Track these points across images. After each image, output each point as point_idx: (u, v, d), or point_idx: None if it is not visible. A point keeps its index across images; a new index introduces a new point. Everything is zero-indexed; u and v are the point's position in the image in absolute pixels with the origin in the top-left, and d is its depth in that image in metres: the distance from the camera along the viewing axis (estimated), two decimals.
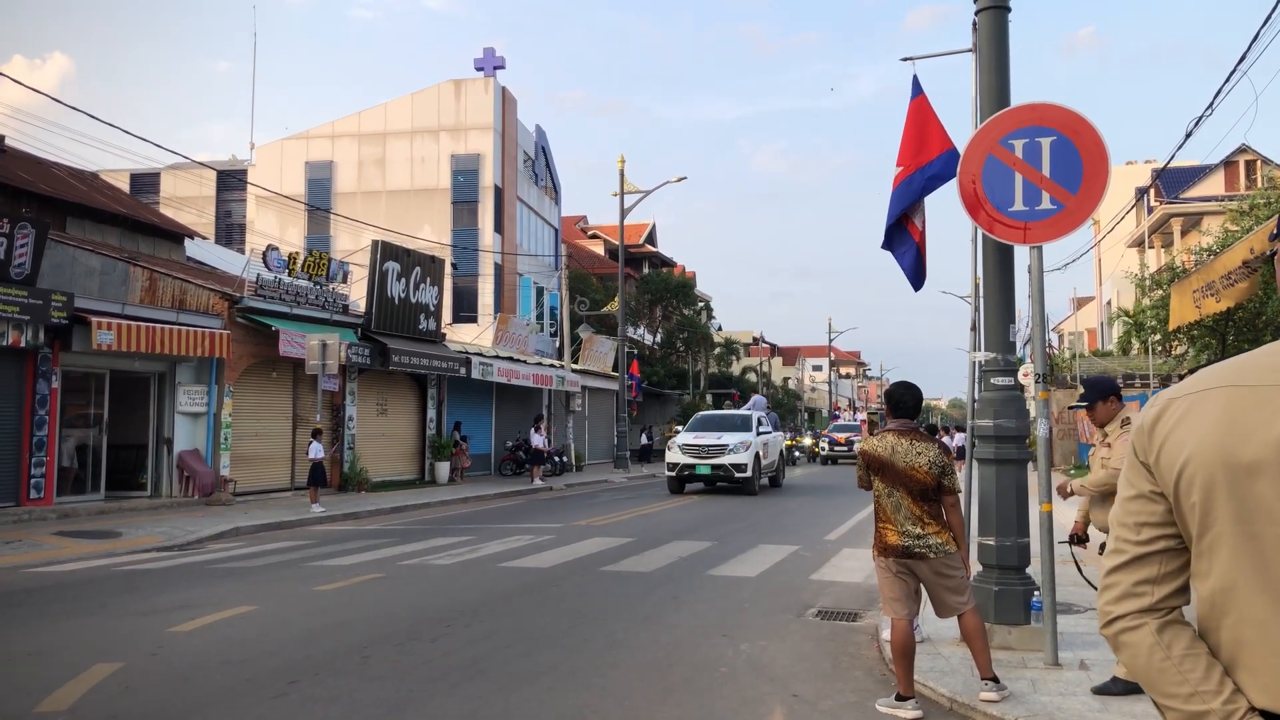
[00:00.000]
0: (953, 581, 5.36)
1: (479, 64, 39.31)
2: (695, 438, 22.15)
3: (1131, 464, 1.55)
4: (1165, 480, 1.49)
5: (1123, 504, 1.56)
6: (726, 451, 21.40)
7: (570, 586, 9.46)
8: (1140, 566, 1.52)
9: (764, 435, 22.96)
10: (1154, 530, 1.51)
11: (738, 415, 24.37)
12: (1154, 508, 1.51)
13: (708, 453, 21.56)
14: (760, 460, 22.01)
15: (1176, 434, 1.47)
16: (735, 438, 21.81)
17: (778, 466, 24.50)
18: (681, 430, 24.45)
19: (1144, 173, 43.45)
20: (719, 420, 23.97)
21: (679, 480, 22.01)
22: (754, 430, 22.42)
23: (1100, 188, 6.32)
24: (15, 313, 15.10)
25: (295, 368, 20.83)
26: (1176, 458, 1.46)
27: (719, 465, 21.37)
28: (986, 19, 7.20)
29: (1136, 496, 1.53)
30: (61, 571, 10.59)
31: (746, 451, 21.38)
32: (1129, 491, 1.55)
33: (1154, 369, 27.76)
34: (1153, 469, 1.51)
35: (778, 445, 24.88)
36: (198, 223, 35.85)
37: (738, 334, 70.69)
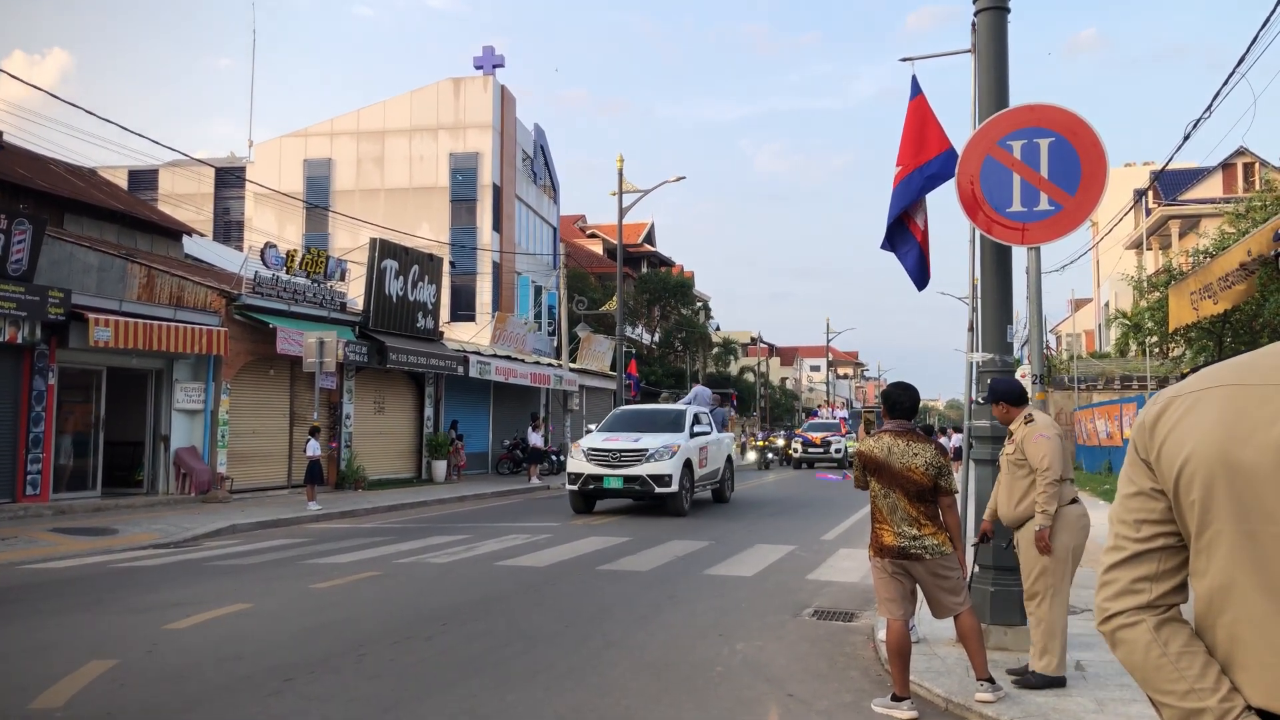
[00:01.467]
0: (949, 582, 5.36)
1: (478, 62, 39.29)
2: (606, 440, 16.97)
3: (1132, 461, 1.55)
4: (1165, 477, 1.48)
5: (1122, 500, 1.55)
6: (645, 459, 16.29)
7: (567, 585, 9.45)
8: (1139, 563, 1.52)
9: (701, 437, 17.97)
10: (1153, 527, 1.51)
11: (666, 411, 19.43)
12: (1154, 505, 1.51)
13: (619, 460, 16.42)
14: (693, 469, 17.15)
15: (1177, 432, 1.47)
16: (659, 440, 16.66)
17: (723, 476, 19.35)
18: (594, 429, 18.97)
19: (1142, 174, 43.49)
20: (641, 418, 18.70)
21: (583, 496, 16.86)
22: (685, 430, 17.47)
23: (1098, 189, 6.33)
24: (12, 309, 15.08)
25: (293, 365, 20.82)
26: (1177, 455, 1.46)
27: (634, 477, 16.23)
28: (986, 20, 7.19)
29: (1136, 494, 1.53)
30: (57, 568, 10.58)
31: (671, 459, 16.29)
32: (1129, 488, 1.55)
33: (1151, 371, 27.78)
34: (1153, 466, 1.51)
35: (722, 449, 19.48)
36: (196, 220, 35.81)
37: (736, 334, 70.70)
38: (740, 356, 67.42)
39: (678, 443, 16.77)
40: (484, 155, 37.90)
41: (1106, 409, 27.13)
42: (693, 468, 17.10)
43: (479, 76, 38.77)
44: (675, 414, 18.67)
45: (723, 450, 19.55)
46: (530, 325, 37.41)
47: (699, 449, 17.59)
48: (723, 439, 19.95)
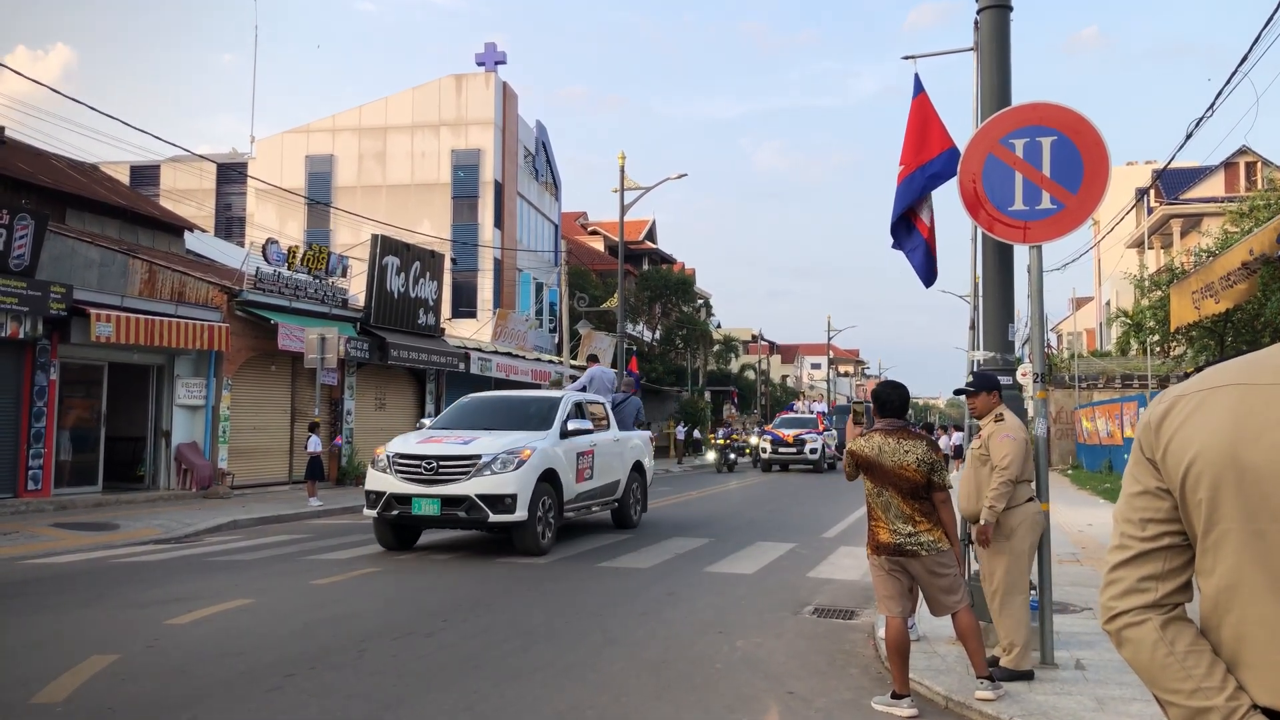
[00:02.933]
0: (945, 580, 5.36)
1: (480, 59, 39.27)
2: (423, 442, 11.38)
3: (1137, 459, 1.55)
4: (1172, 476, 1.48)
5: (1127, 499, 1.55)
6: (475, 470, 10.75)
7: (566, 582, 9.46)
8: (1145, 562, 1.52)
9: (580, 437, 12.33)
10: (1159, 526, 1.51)
11: (531, 401, 13.26)
12: (1159, 504, 1.51)
13: (439, 472, 10.85)
14: (561, 484, 11.59)
15: (1184, 430, 1.47)
16: (502, 443, 11.12)
17: (625, 491, 13.79)
18: (427, 423, 13.20)
19: (1144, 173, 43.47)
20: (495, 409, 12.90)
21: (391, 528, 11.36)
22: (554, 428, 11.89)
23: (1100, 188, 6.32)
24: (14, 304, 15.09)
25: (294, 361, 20.83)
26: (1184, 454, 1.46)
27: (457, 498, 10.72)
28: (988, 18, 7.19)
29: (1142, 492, 1.53)
30: (59, 563, 10.59)
31: (517, 471, 10.75)
32: (1134, 487, 1.54)
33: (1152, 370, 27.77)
34: (1159, 465, 1.51)
35: (624, 455, 13.88)
36: (197, 215, 35.79)
37: (737, 331, 70.69)
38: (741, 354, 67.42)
39: (531, 446, 11.15)
40: (486, 152, 37.88)
41: (1107, 408, 27.13)
42: (560, 482, 11.59)
43: (481, 73, 38.76)
44: (543, 405, 12.74)
45: (625, 456, 13.91)
46: (531, 322, 37.41)
47: (576, 455, 12.17)
48: (626, 440, 14.26)
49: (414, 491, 10.88)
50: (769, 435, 33.03)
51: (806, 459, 31.67)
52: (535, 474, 11.03)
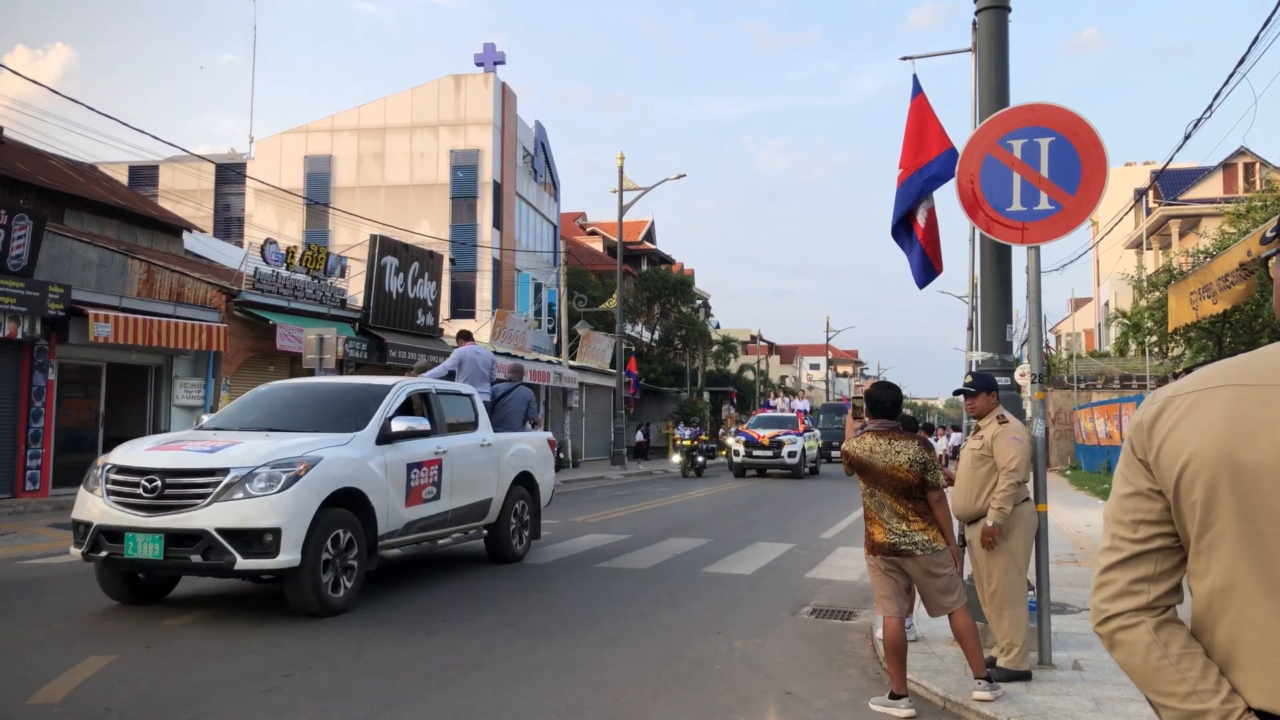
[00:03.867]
0: (941, 580, 5.36)
1: (479, 59, 39.28)
2: (157, 450, 7.81)
3: (1128, 460, 1.54)
4: (1165, 478, 1.48)
5: (1119, 500, 1.55)
6: (216, 493, 7.23)
7: (565, 582, 9.46)
8: (1137, 564, 1.51)
9: (413, 442, 8.85)
10: (1151, 528, 1.51)
11: (347, 392, 9.43)
12: (1151, 505, 1.50)
13: (160, 495, 7.31)
14: (373, 509, 8.16)
15: (1178, 431, 1.46)
16: (270, 450, 7.60)
17: (501, 516, 10.45)
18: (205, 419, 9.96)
19: (1143, 174, 43.51)
20: (291, 401, 9.43)
21: (110, 570, 7.87)
22: (371, 428, 8.46)
23: (1098, 189, 6.33)
24: (12, 304, 15.08)
25: (292, 362, 20.81)
26: (1178, 455, 1.45)
27: (188, 534, 7.17)
28: (986, 18, 7.20)
29: (1134, 494, 1.52)
30: (56, 564, 10.57)
31: (279, 495, 7.27)
32: (1126, 488, 1.54)
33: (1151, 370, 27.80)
34: (1151, 466, 1.50)
35: (499, 466, 10.45)
36: (196, 216, 35.78)
37: (736, 331, 70.70)
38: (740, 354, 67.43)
39: (318, 454, 7.73)
40: (484, 152, 37.89)
41: (1105, 408, 27.15)
42: (370, 506, 8.18)
43: (480, 73, 38.76)
44: (363, 397, 9.12)
45: (502, 467, 10.55)
46: (530, 323, 37.41)
47: (408, 466, 8.76)
48: (504, 446, 10.70)
49: (127, 523, 7.32)
50: (743, 436, 28.87)
51: (784, 463, 27.77)
52: (317, 497, 7.51)
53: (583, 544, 12.27)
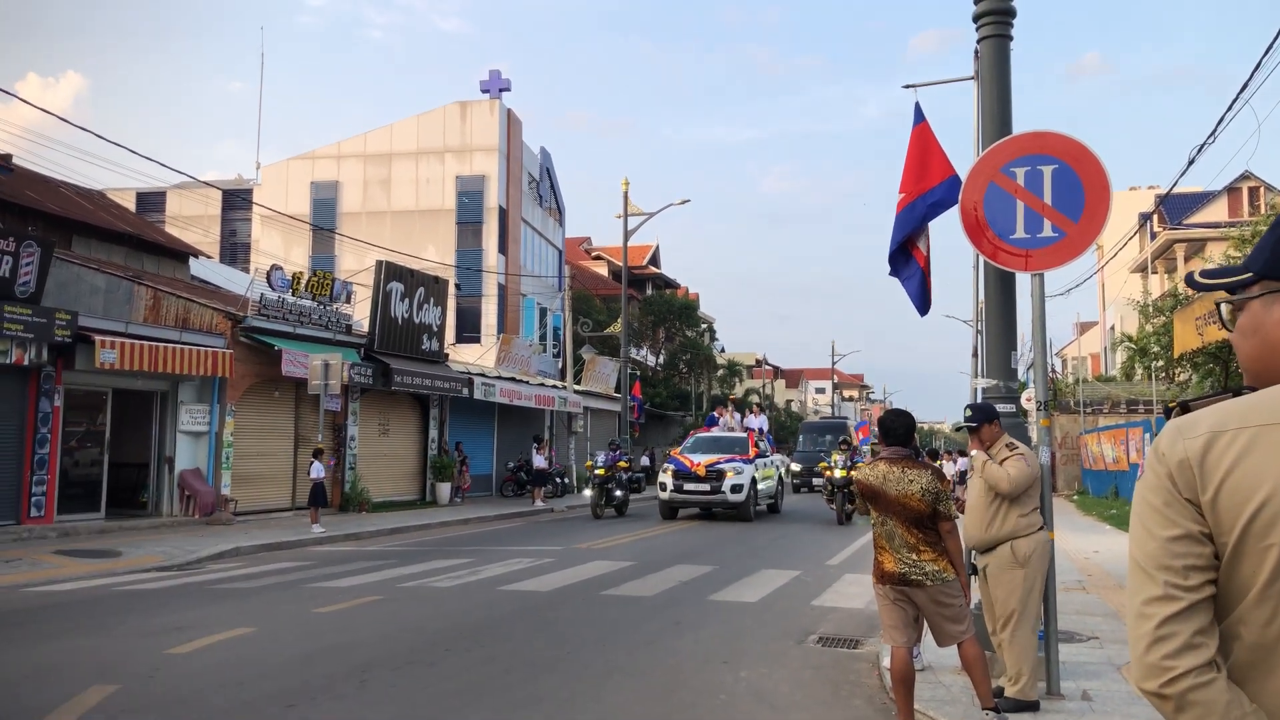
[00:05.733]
0: (951, 610, 5.32)
1: (485, 86, 39.55)
2: None
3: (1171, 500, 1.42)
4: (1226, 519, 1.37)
5: (1165, 544, 1.42)
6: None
7: (570, 610, 9.42)
8: (1195, 615, 1.39)
9: None
10: (1202, 575, 1.40)
11: None
12: (1202, 550, 1.40)
13: None
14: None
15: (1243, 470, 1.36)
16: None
17: None
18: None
19: (1147, 198, 43.55)
20: None
21: None
22: None
23: (1102, 216, 6.34)
24: (19, 331, 15.13)
25: (298, 387, 20.84)
26: (1250, 496, 1.35)
27: None
28: (988, 47, 7.23)
29: (1183, 537, 1.40)
30: (61, 591, 10.56)
31: None
32: (1172, 530, 1.41)
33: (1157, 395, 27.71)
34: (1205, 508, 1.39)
35: None
36: (203, 242, 35.97)
37: (741, 355, 70.70)
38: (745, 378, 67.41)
39: None
40: (490, 178, 38.08)
41: (1112, 433, 27.05)
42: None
43: (486, 100, 39.02)
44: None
45: None
46: (535, 347, 37.43)
47: None
48: None
49: None
50: (672, 464, 21.88)
51: (725, 500, 20.74)
52: None
53: (588, 570, 12.22)
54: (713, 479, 20.74)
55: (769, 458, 23.99)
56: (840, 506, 20.20)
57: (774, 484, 23.49)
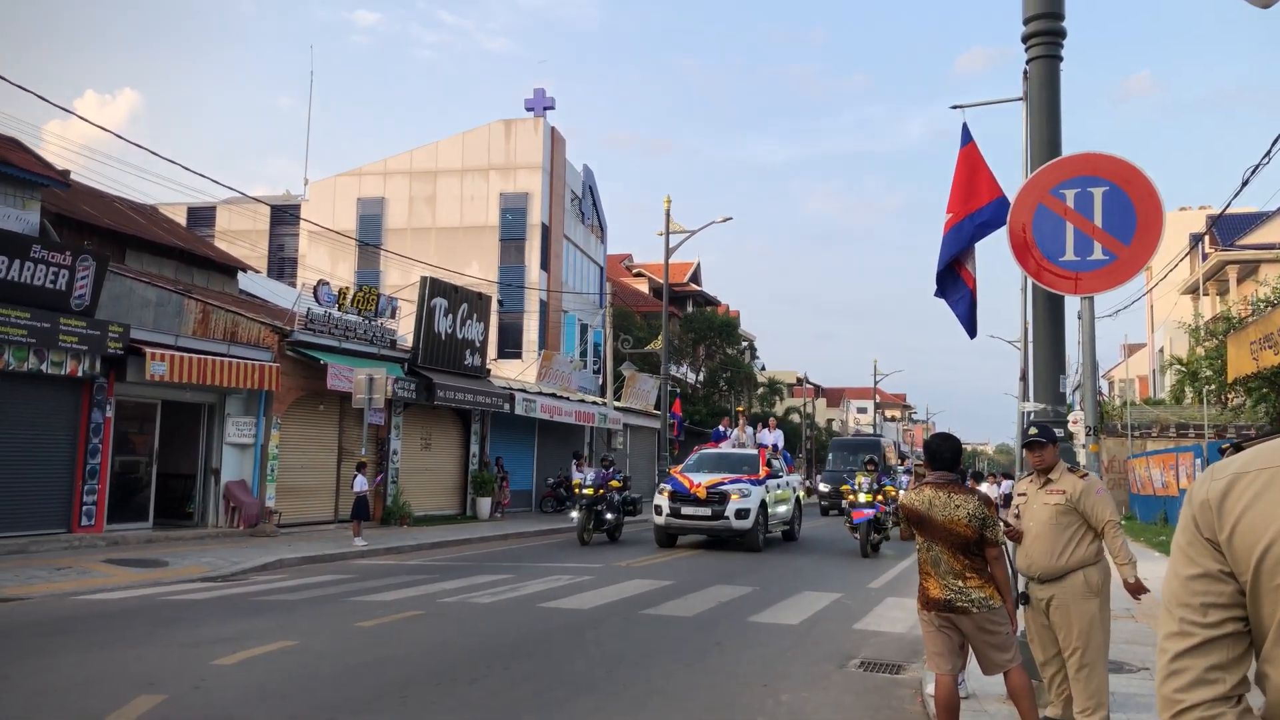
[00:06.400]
0: (997, 638, 5.24)
1: (529, 104, 39.89)
2: None
3: (1193, 540, 1.47)
4: (1241, 560, 1.41)
5: (1184, 582, 1.47)
6: None
7: (610, 630, 9.40)
8: (1211, 650, 1.44)
9: None
10: (1222, 612, 1.44)
11: None
12: (1222, 588, 1.44)
13: None
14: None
15: (1256, 511, 1.40)
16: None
17: None
18: None
19: (1198, 218, 42.83)
20: None
21: None
22: None
23: (1154, 239, 6.24)
24: (74, 343, 15.47)
25: (342, 401, 21.07)
26: (1260, 536, 1.39)
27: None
28: (1038, 68, 7.17)
29: (1202, 575, 1.45)
30: (109, 599, 10.74)
31: None
32: (1192, 569, 1.47)
33: (1209, 419, 27.15)
34: (1223, 547, 1.43)
35: None
36: (251, 256, 36.56)
37: (781, 374, 70.36)
38: (786, 397, 67.06)
39: None
40: (533, 195, 38.35)
41: (1162, 458, 26.53)
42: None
43: (530, 118, 39.35)
44: None
45: None
46: (576, 363, 37.56)
47: None
48: None
49: None
50: (669, 483, 19.30)
51: (730, 527, 18.10)
52: None
53: (627, 589, 12.20)
54: (714, 502, 18.14)
55: (783, 478, 21.09)
56: (865, 536, 17.61)
57: (790, 508, 20.95)
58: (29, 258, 14.90)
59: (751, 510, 18.05)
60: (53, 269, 15.25)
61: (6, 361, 14.71)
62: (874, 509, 17.83)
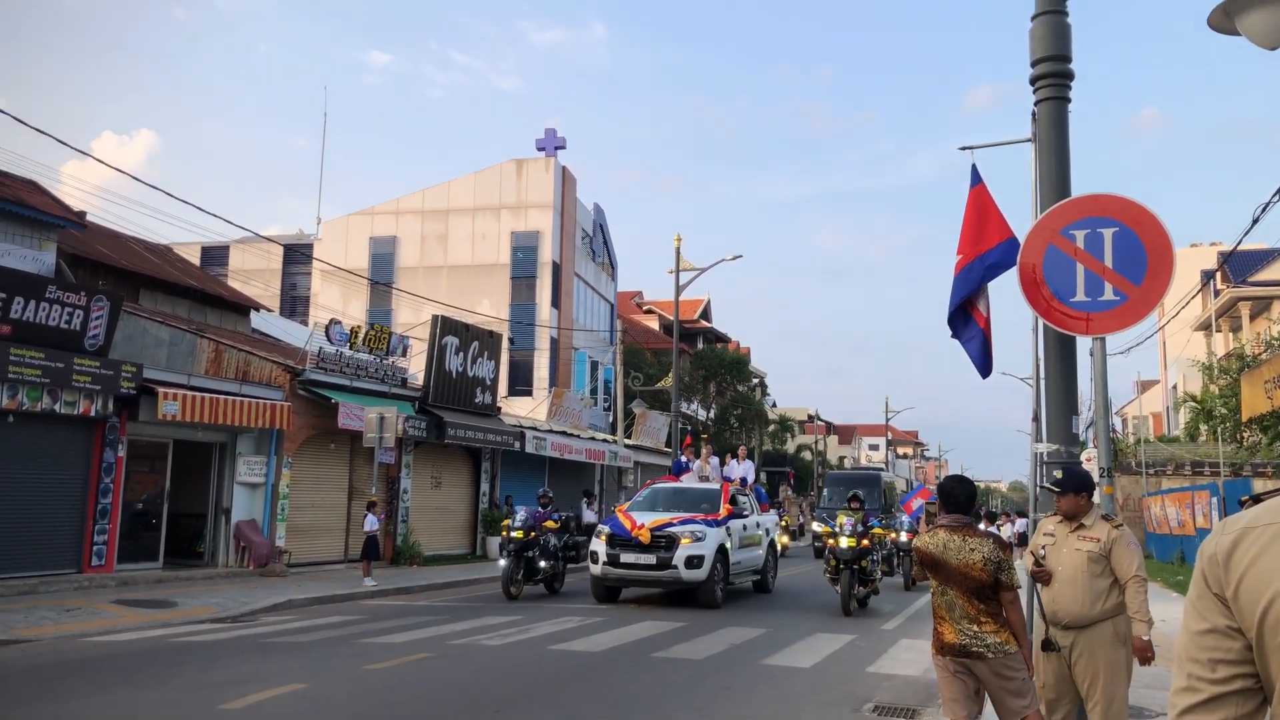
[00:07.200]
0: (1014, 684, 5.16)
1: (540, 144, 40.25)
2: None
3: (1202, 594, 1.48)
4: (1246, 615, 1.41)
5: (1193, 637, 1.48)
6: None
7: (621, 673, 9.31)
8: (1217, 707, 1.44)
9: None
10: (1231, 668, 1.43)
11: None
12: (1230, 644, 1.44)
13: None
14: None
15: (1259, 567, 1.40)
16: None
17: None
18: None
19: (1209, 255, 42.77)
20: None
21: None
22: None
23: (1165, 280, 6.22)
24: (87, 383, 15.55)
25: (353, 440, 21.09)
26: (1262, 592, 1.39)
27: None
28: (1046, 109, 7.19)
29: (1209, 630, 1.45)
30: (118, 641, 10.70)
31: None
32: (1200, 625, 1.47)
33: (1225, 457, 26.94)
34: (1229, 602, 1.43)
35: None
36: (263, 295, 36.79)
37: (793, 411, 70.20)
38: (797, 434, 66.83)
39: None
40: (544, 234, 38.58)
41: (1177, 496, 26.29)
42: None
43: (541, 158, 39.68)
44: None
45: None
46: (586, 401, 37.56)
47: None
48: None
49: None
50: (607, 525, 16.06)
51: (679, 578, 14.87)
52: None
53: (638, 631, 12.09)
54: (660, 548, 14.95)
55: (751, 517, 17.48)
56: (847, 589, 14.33)
57: (761, 553, 17.67)
58: (44, 298, 15.03)
59: (706, 557, 14.86)
60: (67, 309, 15.37)
61: (21, 401, 14.79)
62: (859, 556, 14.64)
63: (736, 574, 16.46)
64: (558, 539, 17.51)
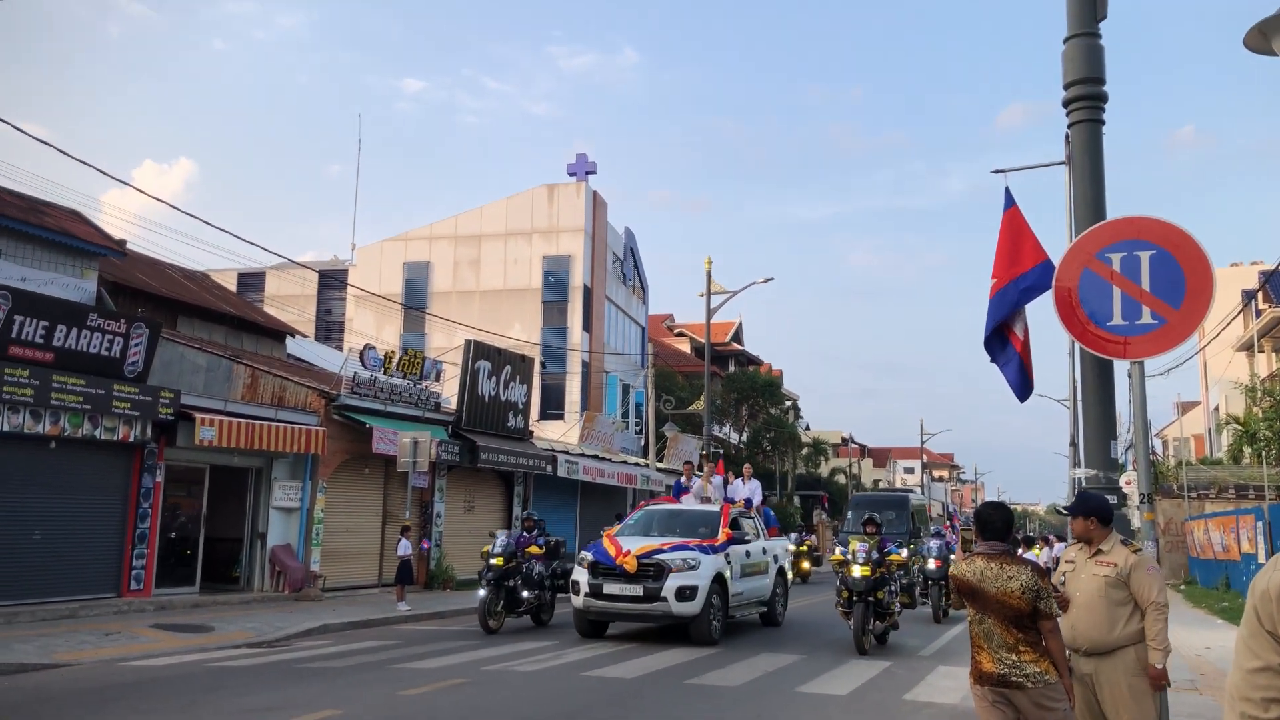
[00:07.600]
0: (1054, 714, 5.06)
1: (571, 169, 40.54)
2: None
3: (1255, 632, 1.46)
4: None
5: (1246, 675, 1.46)
6: None
7: (653, 700, 9.25)
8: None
9: None
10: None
11: None
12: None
13: None
14: None
15: None
16: None
17: None
18: None
19: (1250, 274, 42.14)
20: None
21: None
22: None
23: (1205, 303, 6.13)
24: (126, 409, 15.78)
25: (387, 464, 21.21)
26: None
27: None
28: (1080, 131, 7.14)
29: (1263, 669, 1.43)
30: (156, 666, 10.79)
31: None
32: (1253, 663, 1.45)
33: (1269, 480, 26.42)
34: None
35: None
36: (299, 321, 37.23)
37: (826, 433, 69.80)
38: (831, 457, 66.42)
39: None
40: (576, 258, 38.78)
41: (1221, 520, 25.80)
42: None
43: (572, 183, 39.95)
44: None
45: None
46: (618, 424, 37.56)
47: None
48: None
49: None
50: (590, 551, 14.44)
51: (670, 612, 13.37)
52: None
53: (671, 657, 12.02)
54: (648, 577, 13.43)
55: (756, 543, 15.94)
56: (860, 624, 12.86)
57: (767, 583, 16.08)
58: (86, 326, 15.30)
59: (700, 588, 13.33)
60: (108, 336, 15.63)
61: (63, 428, 15.02)
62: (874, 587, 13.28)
63: (737, 606, 14.88)
64: (544, 566, 15.91)
